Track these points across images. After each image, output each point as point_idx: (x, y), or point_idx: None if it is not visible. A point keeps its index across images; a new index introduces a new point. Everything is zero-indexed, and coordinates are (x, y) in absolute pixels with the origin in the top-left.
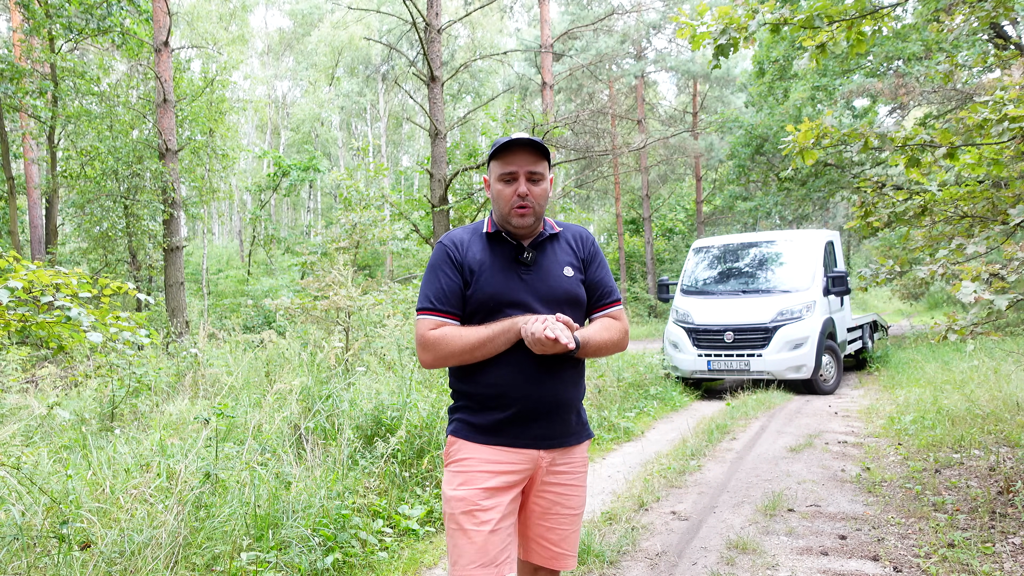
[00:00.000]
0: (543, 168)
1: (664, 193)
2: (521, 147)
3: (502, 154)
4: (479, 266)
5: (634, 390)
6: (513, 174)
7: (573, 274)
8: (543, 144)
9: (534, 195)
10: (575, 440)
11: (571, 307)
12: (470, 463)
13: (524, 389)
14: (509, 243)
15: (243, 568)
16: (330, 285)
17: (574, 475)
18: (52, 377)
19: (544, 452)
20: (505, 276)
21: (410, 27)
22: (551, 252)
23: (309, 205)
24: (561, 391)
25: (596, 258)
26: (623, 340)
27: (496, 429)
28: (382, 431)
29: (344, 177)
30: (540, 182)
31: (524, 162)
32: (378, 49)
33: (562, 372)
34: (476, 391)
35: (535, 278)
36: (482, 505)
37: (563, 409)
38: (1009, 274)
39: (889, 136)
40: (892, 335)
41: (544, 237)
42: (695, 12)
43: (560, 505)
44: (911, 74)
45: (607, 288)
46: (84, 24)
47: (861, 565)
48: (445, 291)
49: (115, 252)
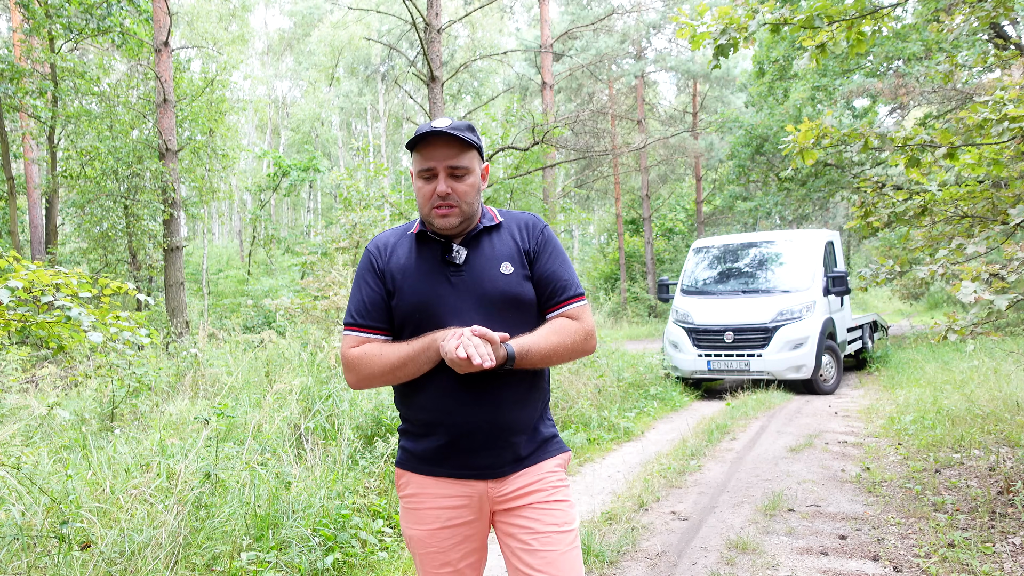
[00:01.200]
0: (468, 160)
1: (664, 193)
2: (439, 138)
3: (418, 147)
4: (402, 272)
5: (634, 390)
6: (432, 170)
7: (513, 270)
8: (465, 134)
9: (458, 192)
10: (533, 461)
11: (512, 310)
12: (419, 499)
13: (456, 415)
14: (437, 243)
15: (243, 568)
16: (330, 285)
17: (546, 491)
18: (52, 377)
19: (492, 482)
20: (431, 281)
21: (410, 27)
22: (487, 247)
23: (309, 205)
24: (501, 414)
25: (547, 247)
26: (583, 343)
27: (435, 459)
28: (382, 431)
29: (344, 177)
30: (465, 177)
31: (443, 156)
32: (378, 49)
33: (501, 392)
34: (412, 416)
35: (466, 280)
36: (439, 547)
37: (506, 433)
38: (1009, 274)
39: (889, 136)
40: (892, 335)
41: (478, 231)
42: (695, 12)
43: (539, 522)
44: (911, 74)
45: (561, 282)
46: (84, 24)
47: (861, 565)
48: (367, 304)
49: (115, 252)
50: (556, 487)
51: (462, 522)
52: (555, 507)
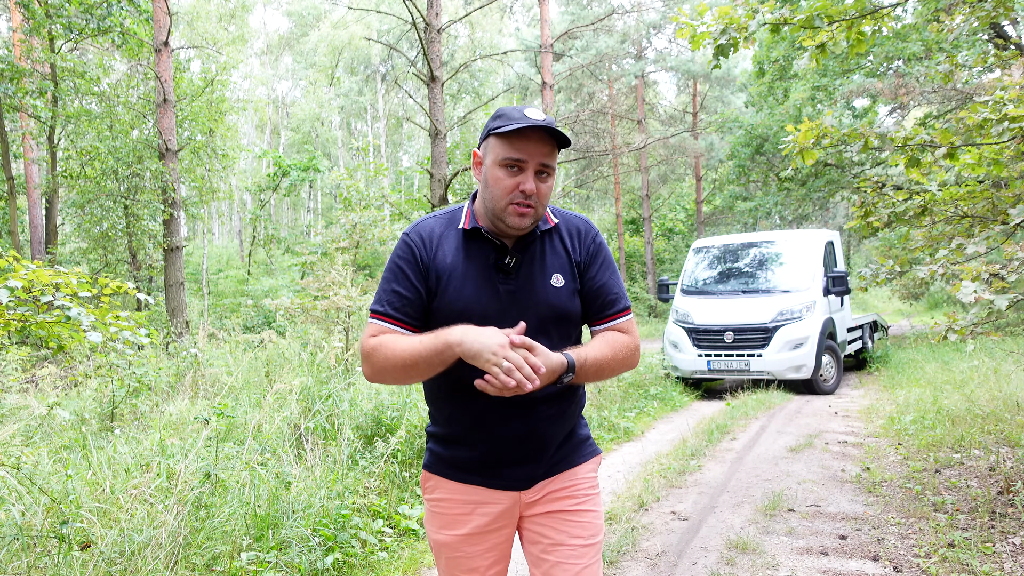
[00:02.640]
0: (555, 161)
1: (664, 193)
2: (537, 132)
3: (513, 136)
4: (448, 273)
5: (634, 390)
6: (522, 163)
7: (563, 283)
8: (563, 133)
9: (540, 193)
10: (566, 466)
11: (559, 324)
12: (447, 504)
13: (493, 429)
14: (490, 243)
15: (243, 568)
16: (330, 285)
17: (577, 499)
18: (52, 377)
19: (528, 492)
20: (478, 288)
21: (410, 27)
22: (540, 255)
23: (309, 205)
24: (540, 429)
25: (598, 258)
26: (631, 358)
27: (465, 467)
28: (382, 431)
29: (344, 177)
30: (549, 178)
31: (538, 151)
32: (378, 49)
33: (544, 407)
34: (440, 421)
35: (515, 290)
36: (467, 552)
37: (545, 448)
38: (1009, 274)
39: (889, 136)
40: (892, 335)
41: (536, 235)
42: (695, 12)
43: (566, 535)
44: (911, 74)
45: (611, 295)
46: (84, 24)
47: (861, 565)
48: (401, 295)
49: (115, 252)
50: (588, 495)
51: (492, 530)
52: (584, 518)
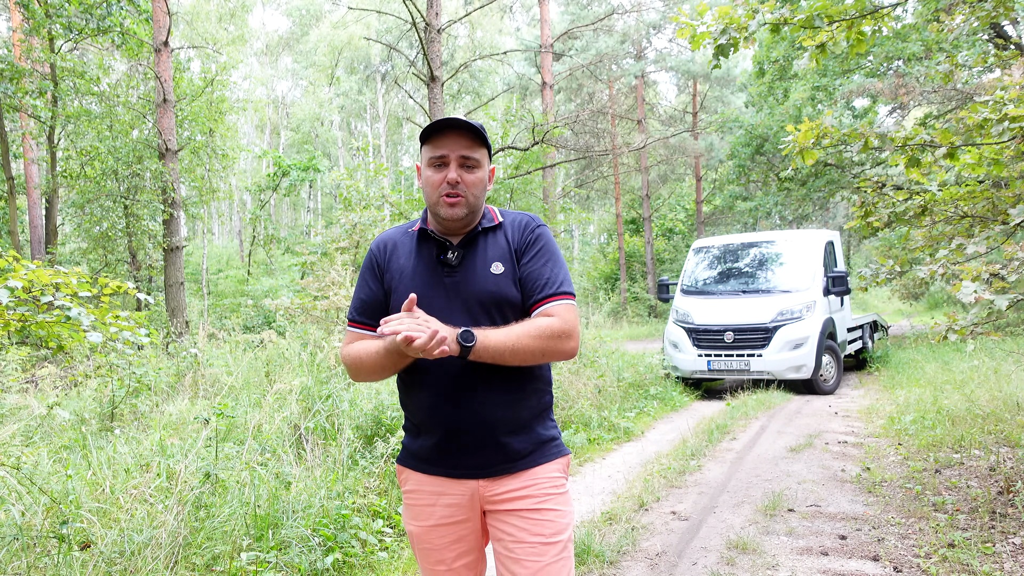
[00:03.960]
0: (480, 155)
1: (664, 193)
2: (454, 129)
3: (432, 136)
4: (399, 272)
5: (634, 390)
6: (443, 158)
7: (504, 270)
8: (480, 128)
9: (467, 183)
10: (527, 464)
11: (501, 310)
12: (417, 495)
13: (444, 414)
14: (437, 242)
15: (243, 568)
16: (330, 285)
17: (536, 499)
18: (52, 377)
19: (484, 481)
20: (425, 282)
21: (410, 27)
22: (482, 248)
23: (309, 205)
24: (487, 413)
25: (535, 246)
26: (556, 344)
27: (430, 457)
28: (382, 431)
29: (344, 177)
30: (475, 169)
31: (457, 146)
32: (378, 49)
33: (487, 392)
34: (409, 414)
35: (459, 281)
36: (434, 544)
37: (494, 433)
38: (1009, 274)
39: (889, 136)
40: (892, 335)
41: (477, 231)
42: (695, 12)
43: (526, 532)
44: (911, 74)
45: (542, 280)
46: (84, 24)
47: (861, 565)
48: (365, 302)
49: (115, 252)
50: (548, 495)
51: (454, 521)
52: (544, 516)
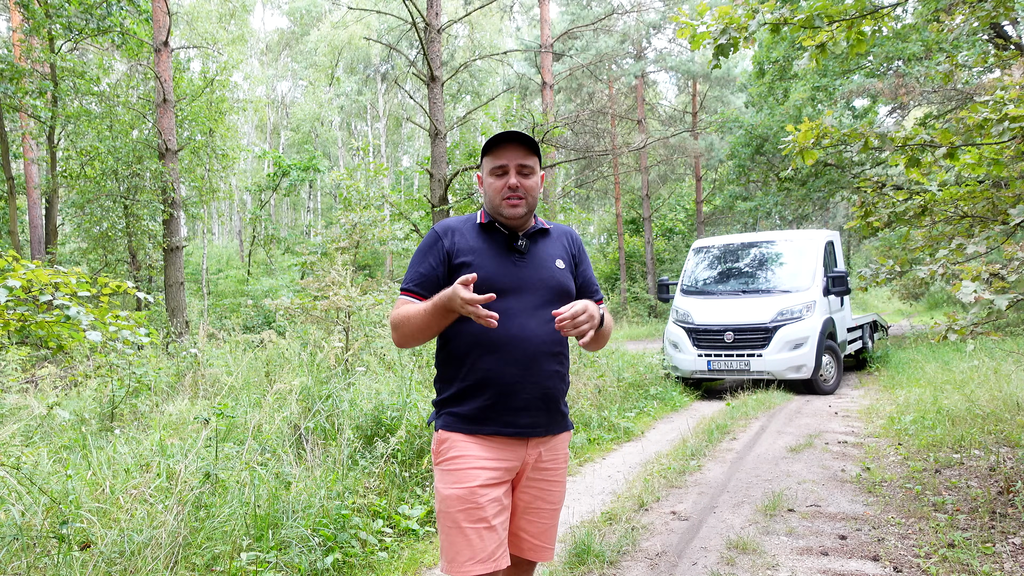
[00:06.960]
0: (533, 162)
1: (664, 193)
2: (511, 141)
3: (493, 149)
4: (471, 251)
5: (634, 390)
6: (504, 167)
7: (564, 267)
8: (534, 140)
9: (525, 187)
10: (559, 428)
11: (561, 299)
12: (462, 460)
13: (507, 375)
14: (502, 232)
15: (243, 568)
16: (330, 285)
17: (556, 471)
18: (52, 377)
19: (531, 447)
20: (498, 262)
21: (410, 27)
22: (543, 245)
23: (309, 205)
24: (545, 380)
25: (585, 257)
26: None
27: (482, 417)
28: (382, 431)
29: (344, 177)
30: (531, 175)
31: (514, 156)
32: (378, 49)
33: (547, 363)
34: (459, 377)
35: (529, 266)
36: (479, 503)
37: (545, 399)
38: (1009, 274)
39: (889, 136)
40: (892, 335)
41: (535, 230)
42: (695, 12)
43: (542, 500)
44: (911, 74)
45: (594, 284)
46: (84, 24)
47: (861, 565)
48: (425, 275)
49: (115, 252)
50: (563, 467)
51: (499, 480)
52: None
